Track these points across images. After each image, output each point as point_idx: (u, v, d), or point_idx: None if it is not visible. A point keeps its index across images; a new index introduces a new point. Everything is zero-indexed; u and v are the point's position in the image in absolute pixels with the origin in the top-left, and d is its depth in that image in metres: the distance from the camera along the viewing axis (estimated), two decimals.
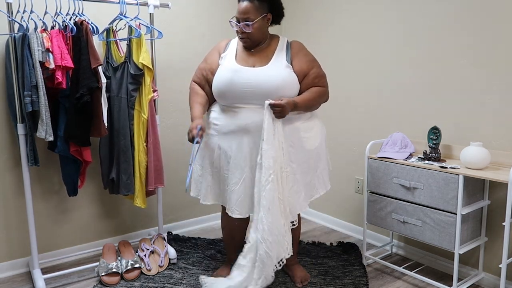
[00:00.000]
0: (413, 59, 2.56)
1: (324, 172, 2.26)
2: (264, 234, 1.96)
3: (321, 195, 2.23)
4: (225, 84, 2.07)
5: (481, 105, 2.27)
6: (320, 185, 2.23)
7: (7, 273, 2.49)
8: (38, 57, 2.08)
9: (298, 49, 2.15)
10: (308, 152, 2.14)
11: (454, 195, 2.09)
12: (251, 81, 2.03)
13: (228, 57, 2.16)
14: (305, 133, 2.13)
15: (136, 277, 2.40)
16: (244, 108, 2.07)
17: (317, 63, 2.17)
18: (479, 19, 2.24)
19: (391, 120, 2.72)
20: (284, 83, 2.05)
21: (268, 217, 1.95)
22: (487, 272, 2.32)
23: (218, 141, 2.14)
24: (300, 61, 2.11)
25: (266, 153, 1.94)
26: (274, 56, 2.11)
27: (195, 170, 2.27)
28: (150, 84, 2.43)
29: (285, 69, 2.08)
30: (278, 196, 1.98)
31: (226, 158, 2.11)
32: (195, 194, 2.28)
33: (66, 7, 2.27)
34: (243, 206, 2.10)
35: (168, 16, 2.89)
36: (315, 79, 2.13)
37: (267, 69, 2.07)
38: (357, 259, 2.65)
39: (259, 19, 2.06)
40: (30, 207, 2.28)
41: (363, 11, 2.82)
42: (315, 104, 2.16)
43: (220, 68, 2.15)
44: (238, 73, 2.06)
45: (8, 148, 2.44)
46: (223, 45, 2.23)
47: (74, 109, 2.21)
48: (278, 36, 2.22)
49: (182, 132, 3.06)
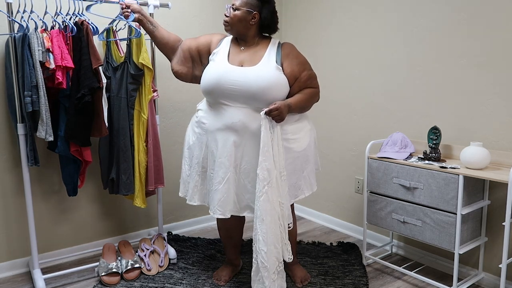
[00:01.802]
0: (413, 59, 2.56)
1: (311, 174, 2.23)
2: (259, 244, 1.96)
3: (306, 196, 2.20)
4: (213, 81, 2.06)
5: (481, 105, 2.28)
6: (306, 186, 2.20)
7: (7, 273, 2.49)
8: (38, 57, 2.08)
9: (288, 50, 2.14)
10: (294, 153, 2.12)
11: (454, 195, 2.09)
12: (240, 81, 2.02)
13: (221, 54, 2.15)
14: (292, 135, 2.12)
15: (136, 277, 2.40)
16: (231, 107, 2.06)
17: (308, 65, 2.16)
18: (479, 20, 2.24)
19: (391, 120, 2.72)
20: (272, 84, 2.03)
21: (262, 227, 1.95)
22: (487, 272, 2.32)
23: (206, 140, 2.14)
24: (291, 64, 2.10)
25: (261, 165, 1.94)
26: (264, 57, 2.10)
27: (184, 170, 2.27)
28: (150, 84, 2.43)
29: (275, 70, 2.06)
30: (278, 200, 1.98)
31: (212, 157, 2.11)
32: (183, 194, 2.28)
33: (66, 7, 2.27)
34: (226, 206, 2.07)
35: (168, 16, 2.89)
36: (307, 81, 2.13)
37: (256, 69, 2.06)
38: (357, 259, 2.65)
39: (243, 11, 2.08)
40: (30, 207, 2.28)
41: (364, 12, 2.82)
42: (308, 105, 2.16)
43: (210, 64, 2.16)
44: (227, 72, 2.06)
45: (8, 148, 2.44)
46: (217, 39, 2.23)
47: (75, 109, 2.21)
48: (270, 38, 2.22)
49: (182, 132, 3.06)
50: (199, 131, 2.18)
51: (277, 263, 1.99)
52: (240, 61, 2.11)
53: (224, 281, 2.35)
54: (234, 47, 2.18)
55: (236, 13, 2.09)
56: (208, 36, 2.27)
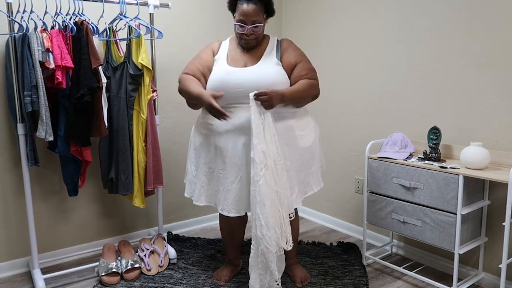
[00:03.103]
0: (413, 59, 2.56)
1: (318, 169, 2.27)
2: (263, 229, 1.95)
3: (315, 192, 2.23)
4: (218, 87, 2.07)
5: (481, 105, 2.27)
6: (314, 182, 2.23)
7: (7, 273, 2.49)
8: (38, 57, 2.08)
9: (287, 45, 2.18)
10: (302, 150, 2.14)
11: (454, 195, 2.09)
12: (243, 81, 2.05)
13: (220, 59, 2.18)
14: (299, 131, 2.14)
15: (136, 277, 2.40)
16: (238, 108, 2.07)
17: (306, 58, 2.19)
18: (479, 20, 2.24)
19: (391, 120, 2.72)
20: (275, 81, 2.06)
21: (264, 212, 1.94)
22: (487, 272, 2.32)
23: (214, 140, 2.14)
24: (289, 56, 2.14)
25: (256, 148, 1.93)
26: (265, 54, 2.14)
27: (190, 171, 2.27)
28: (149, 84, 2.43)
29: (275, 67, 2.11)
30: (275, 189, 1.98)
31: (221, 157, 2.11)
32: (189, 195, 2.28)
33: (66, 7, 2.27)
34: (240, 204, 2.10)
35: (168, 16, 2.89)
36: (302, 71, 2.13)
37: (258, 67, 2.09)
38: (357, 259, 2.65)
39: (262, 19, 2.11)
40: (30, 207, 2.28)
41: (364, 12, 2.82)
42: (304, 96, 2.13)
43: (213, 70, 2.16)
44: (230, 75, 2.07)
45: (8, 148, 2.44)
46: (216, 46, 2.25)
47: (74, 109, 2.21)
48: (269, 36, 2.24)
49: (182, 132, 3.06)
50: (206, 132, 2.18)
51: (277, 248, 2.00)
52: (243, 62, 2.14)
53: (224, 281, 2.35)
54: (235, 49, 2.19)
55: (259, 26, 2.09)
56: (207, 49, 2.24)
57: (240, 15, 2.07)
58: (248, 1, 2.05)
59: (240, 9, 2.07)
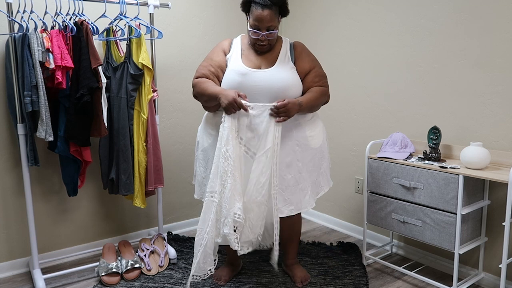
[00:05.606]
0: (413, 59, 2.56)
1: (327, 169, 2.30)
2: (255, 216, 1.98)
3: (326, 191, 2.26)
4: (234, 87, 2.05)
5: (481, 105, 2.27)
6: (324, 182, 2.26)
7: (7, 273, 2.49)
8: (38, 57, 2.08)
9: (301, 49, 2.19)
10: (313, 150, 2.17)
11: (454, 195, 2.09)
12: (260, 84, 2.05)
13: (234, 58, 2.14)
14: (310, 132, 2.17)
15: (136, 277, 2.40)
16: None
17: (318, 63, 2.20)
18: (479, 20, 2.24)
19: (391, 120, 2.72)
20: (290, 85, 2.08)
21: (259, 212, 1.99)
22: (487, 272, 2.32)
23: None
24: (303, 61, 2.15)
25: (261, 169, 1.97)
26: (279, 57, 2.13)
27: (199, 173, 2.26)
28: (149, 84, 2.43)
29: (291, 70, 2.12)
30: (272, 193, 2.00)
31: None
32: (199, 196, 2.27)
33: (66, 7, 2.27)
34: None
35: (168, 16, 2.90)
36: (315, 78, 2.15)
37: (274, 70, 2.09)
38: (357, 259, 2.65)
39: (278, 24, 2.09)
40: (30, 207, 2.28)
41: (364, 12, 2.82)
42: (318, 104, 2.16)
43: (227, 70, 2.13)
44: (247, 76, 2.06)
45: (8, 148, 2.44)
46: (227, 45, 2.20)
47: (74, 109, 2.21)
48: (281, 37, 2.22)
49: (182, 132, 3.06)
50: (215, 133, 2.15)
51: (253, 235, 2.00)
52: (257, 63, 2.12)
53: (224, 281, 2.35)
54: (248, 49, 2.16)
55: (273, 32, 2.07)
56: (217, 49, 2.20)
57: (254, 20, 2.03)
58: (263, 6, 1.99)
59: (254, 14, 2.02)
